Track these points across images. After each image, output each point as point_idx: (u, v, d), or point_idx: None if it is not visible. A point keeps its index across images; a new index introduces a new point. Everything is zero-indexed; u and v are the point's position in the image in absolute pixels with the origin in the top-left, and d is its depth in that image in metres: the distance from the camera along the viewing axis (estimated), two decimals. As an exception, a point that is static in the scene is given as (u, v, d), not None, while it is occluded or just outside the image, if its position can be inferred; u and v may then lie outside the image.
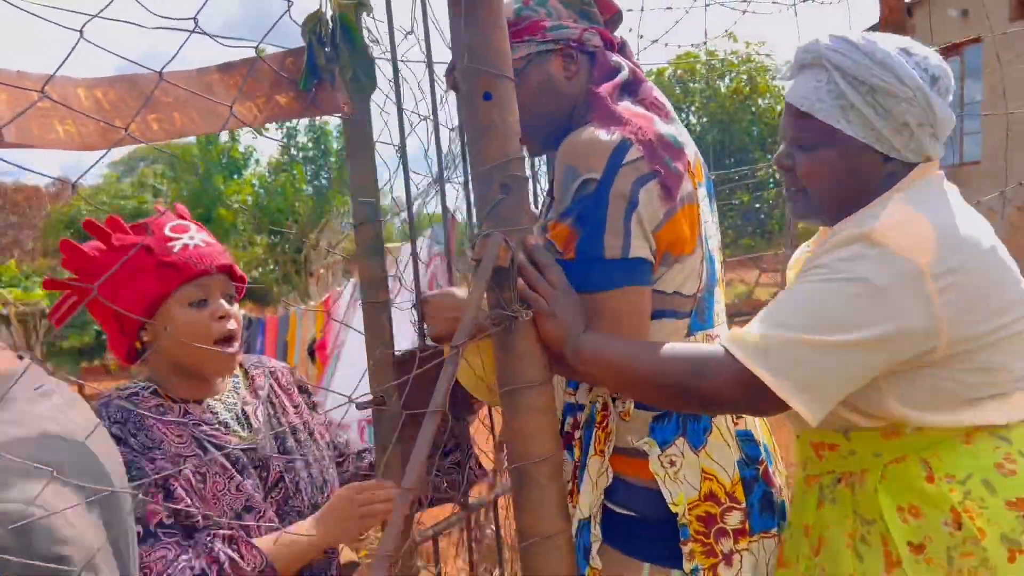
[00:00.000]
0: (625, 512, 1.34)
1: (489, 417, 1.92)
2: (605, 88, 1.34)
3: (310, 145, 10.95)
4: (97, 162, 0.83)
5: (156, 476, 1.29)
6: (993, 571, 1.10)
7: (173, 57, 0.81)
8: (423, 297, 1.51)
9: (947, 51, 10.09)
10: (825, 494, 1.28)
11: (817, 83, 1.18)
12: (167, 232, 1.43)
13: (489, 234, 1.17)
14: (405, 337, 1.58)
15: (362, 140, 1.46)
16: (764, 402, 1.09)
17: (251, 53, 0.94)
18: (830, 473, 1.28)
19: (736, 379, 1.09)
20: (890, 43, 1.17)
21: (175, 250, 1.40)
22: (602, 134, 1.24)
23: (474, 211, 1.33)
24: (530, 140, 1.40)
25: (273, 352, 5.43)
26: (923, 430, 1.17)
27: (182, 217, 1.49)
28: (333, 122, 10.88)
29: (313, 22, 1.00)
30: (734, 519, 1.29)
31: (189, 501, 1.33)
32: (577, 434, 1.40)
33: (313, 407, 1.66)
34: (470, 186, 1.59)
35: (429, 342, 1.52)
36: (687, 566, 1.27)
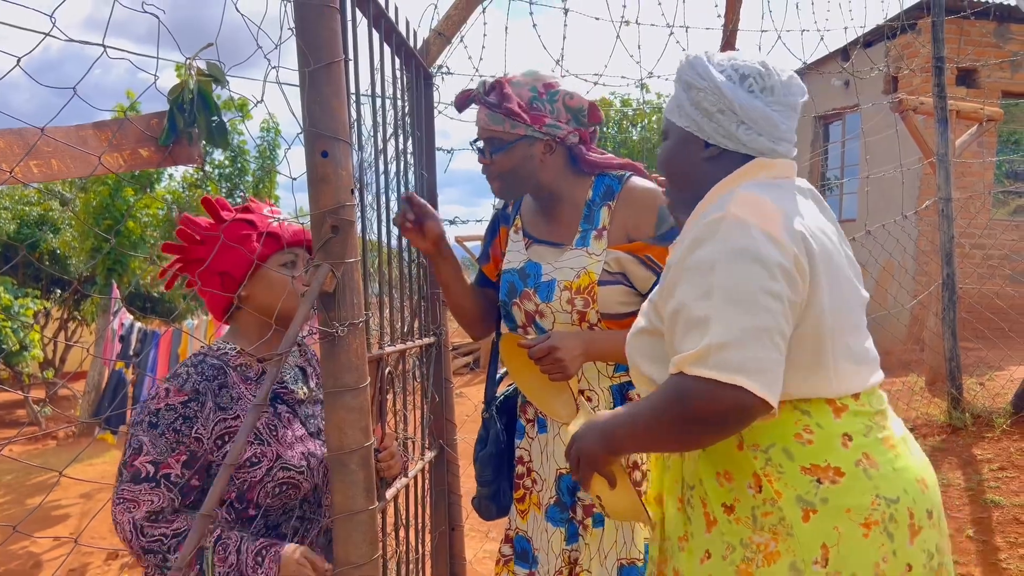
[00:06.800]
0: None
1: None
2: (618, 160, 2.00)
3: (227, 163, 10.95)
4: (-13, 193, 1.06)
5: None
6: (789, 528, 1.22)
7: (55, 116, 1.06)
8: (553, 344, 1.78)
9: (834, 116, 11.00)
10: (666, 463, 1.45)
11: (673, 92, 1.43)
12: (266, 212, 1.81)
13: (319, 265, 1.44)
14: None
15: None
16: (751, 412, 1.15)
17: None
18: None
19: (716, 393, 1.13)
20: (718, 56, 1.38)
21: (275, 224, 1.78)
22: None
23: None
24: (502, 188, 1.98)
25: (166, 364, 5.55)
26: None
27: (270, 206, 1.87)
28: (250, 143, 10.88)
29: (176, 92, 1.26)
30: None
31: (251, 450, 1.65)
32: None
33: None
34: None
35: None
36: None
